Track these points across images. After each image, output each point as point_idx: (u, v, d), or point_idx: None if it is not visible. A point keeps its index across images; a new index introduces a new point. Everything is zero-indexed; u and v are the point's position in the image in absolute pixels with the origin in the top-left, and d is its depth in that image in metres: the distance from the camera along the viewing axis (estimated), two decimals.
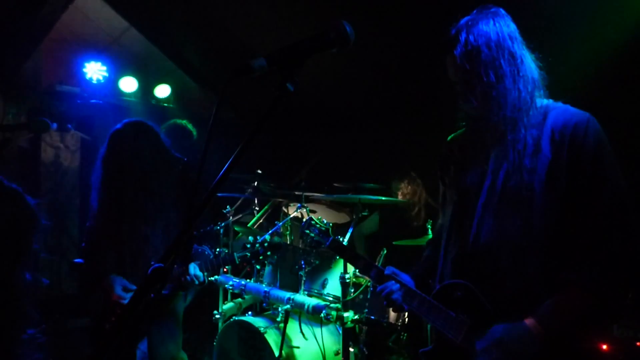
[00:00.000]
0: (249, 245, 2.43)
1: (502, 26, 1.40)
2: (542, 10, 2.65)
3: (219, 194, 3.08)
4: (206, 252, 2.40)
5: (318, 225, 2.06)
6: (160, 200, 2.28)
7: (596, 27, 2.64)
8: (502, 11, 1.44)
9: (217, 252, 2.45)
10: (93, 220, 2.34)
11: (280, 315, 2.85)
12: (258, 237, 2.46)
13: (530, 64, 1.42)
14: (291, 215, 3.33)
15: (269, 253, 2.43)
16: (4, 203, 1.20)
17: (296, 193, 3.45)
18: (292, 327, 2.83)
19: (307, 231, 2.06)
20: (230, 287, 3.15)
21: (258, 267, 3.16)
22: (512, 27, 1.42)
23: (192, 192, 2.27)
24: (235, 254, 2.38)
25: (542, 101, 1.44)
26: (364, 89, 4.17)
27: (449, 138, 1.66)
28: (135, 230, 2.25)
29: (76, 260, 2.44)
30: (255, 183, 3.66)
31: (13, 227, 1.20)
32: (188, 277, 2.23)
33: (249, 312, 3.19)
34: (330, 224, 2.08)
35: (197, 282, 2.25)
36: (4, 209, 1.19)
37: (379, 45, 3.47)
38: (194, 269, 2.26)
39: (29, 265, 1.22)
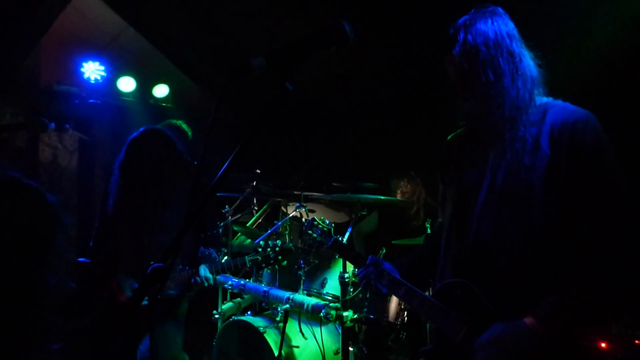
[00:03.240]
0: (260, 249, 2.43)
1: (500, 25, 1.40)
2: (541, 8, 2.65)
3: (218, 194, 3.08)
4: (213, 255, 2.42)
5: (320, 226, 2.07)
6: (177, 210, 2.31)
7: (595, 25, 2.65)
8: (500, 10, 1.44)
9: (223, 256, 2.46)
10: (106, 225, 2.35)
11: (280, 314, 2.85)
12: (270, 242, 2.45)
13: (529, 62, 1.41)
14: (290, 215, 3.33)
15: (279, 257, 2.42)
16: (23, 202, 1.15)
17: (295, 192, 3.45)
18: (292, 327, 2.83)
19: (310, 232, 2.07)
20: (230, 287, 3.15)
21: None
22: (510, 25, 1.42)
23: (193, 193, 2.28)
24: (246, 257, 2.39)
25: (541, 99, 1.44)
26: (363, 88, 4.17)
27: (449, 137, 1.66)
28: (153, 239, 2.28)
29: (80, 259, 2.44)
30: (254, 183, 3.65)
31: (34, 227, 1.15)
32: (198, 278, 2.25)
33: (248, 312, 3.18)
34: (333, 225, 2.09)
35: (206, 284, 2.27)
36: (23, 209, 1.13)
37: (379, 44, 3.47)
38: (204, 270, 2.28)
39: (55, 268, 1.17)
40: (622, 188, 1.31)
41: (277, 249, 2.40)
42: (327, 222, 2.11)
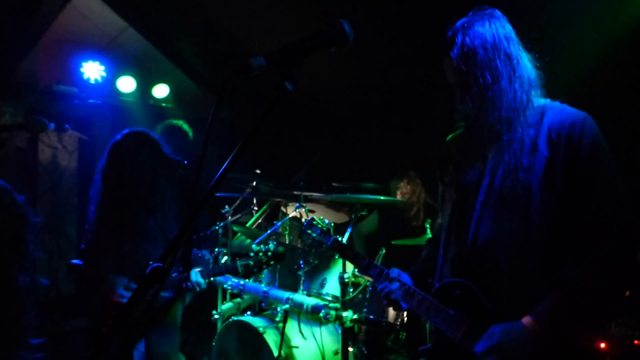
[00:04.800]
0: (252, 254, 2.39)
1: (497, 27, 1.41)
2: (539, 9, 2.66)
3: (217, 194, 3.07)
4: (206, 257, 2.38)
5: (320, 226, 2.06)
6: (162, 217, 2.24)
7: (593, 27, 2.65)
8: (498, 12, 1.46)
9: (218, 257, 2.41)
10: (91, 233, 2.29)
11: (279, 315, 2.85)
12: (262, 246, 2.41)
13: (526, 64, 1.43)
14: (290, 215, 3.33)
15: (272, 262, 2.38)
16: None
17: (295, 193, 3.45)
18: (291, 327, 2.83)
19: (309, 231, 2.06)
20: (229, 287, 3.15)
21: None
22: (508, 28, 1.44)
23: (191, 194, 2.25)
24: (238, 262, 2.34)
25: (539, 101, 1.45)
26: (362, 88, 4.17)
27: (448, 138, 1.67)
28: (136, 248, 2.21)
29: (74, 261, 2.42)
30: (254, 183, 3.65)
31: (2, 227, 1.15)
32: (190, 283, 2.20)
33: (248, 312, 3.19)
34: (332, 224, 2.08)
35: (198, 289, 2.23)
36: None
37: (378, 44, 3.47)
38: (195, 275, 2.23)
39: (26, 267, 1.17)
40: (618, 189, 1.32)
41: (270, 253, 2.36)
42: (327, 221, 2.10)
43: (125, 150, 2.26)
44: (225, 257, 3.43)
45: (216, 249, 3.36)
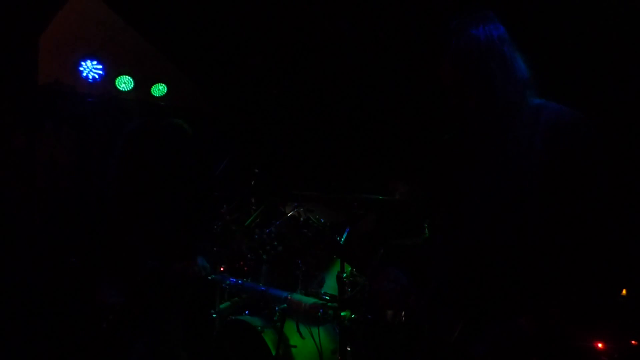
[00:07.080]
0: (256, 237, 2.47)
1: (491, 29, 1.41)
2: (534, 9, 2.67)
3: (215, 193, 3.08)
4: (209, 248, 2.44)
5: (315, 225, 2.06)
6: (175, 205, 2.32)
7: (588, 27, 2.66)
8: (491, 14, 1.46)
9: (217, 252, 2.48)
10: (104, 220, 2.38)
11: (277, 314, 2.85)
12: (265, 230, 2.48)
13: (520, 64, 1.43)
14: (288, 215, 3.32)
15: (275, 243, 2.45)
16: None
17: (293, 192, 3.45)
18: (289, 326, 2.83)
19: (305, 230, 2.06)
20: (227, 286, 3.15)
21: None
22: (501, 29, 1.44)
23: (191, 192, 2.31)
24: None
25: (534, 101, 1.45)
26: (361, 87, 4.17)
27: (443, 139, 1.68)
28: (150, 234, 2.28)
29: (74, 259, 2.45)
30: (252, 182, 3.65)
31: None
32: (196, 267, 2.27)
33: (246, 312, 3.18)
34: (328, 224, 2.08)
35: (204, 273, 2.30)
36: None
37: (377, 44, 3.48)
38: (201, 260, 2.30)
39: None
40: (615, 190, 1.33)
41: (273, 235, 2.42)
42: (322, 220, 2.10)
43: (143, 139, 2.41)
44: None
45: (215, 249, 3.37)
